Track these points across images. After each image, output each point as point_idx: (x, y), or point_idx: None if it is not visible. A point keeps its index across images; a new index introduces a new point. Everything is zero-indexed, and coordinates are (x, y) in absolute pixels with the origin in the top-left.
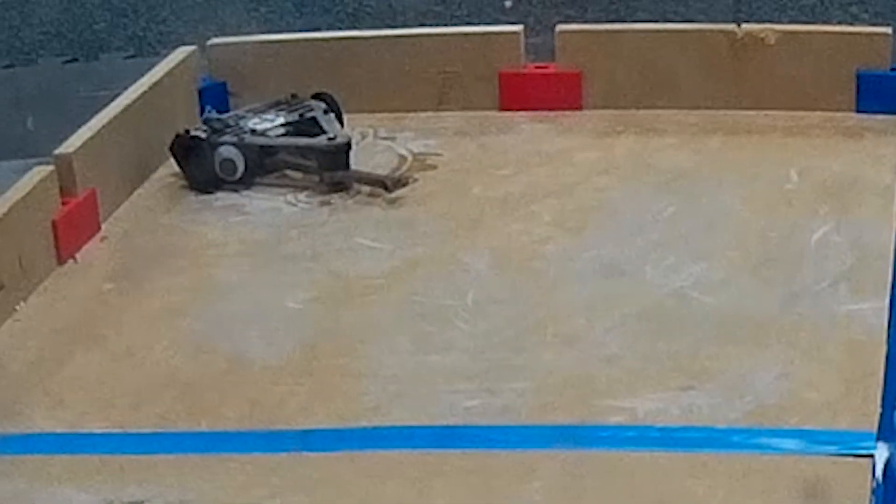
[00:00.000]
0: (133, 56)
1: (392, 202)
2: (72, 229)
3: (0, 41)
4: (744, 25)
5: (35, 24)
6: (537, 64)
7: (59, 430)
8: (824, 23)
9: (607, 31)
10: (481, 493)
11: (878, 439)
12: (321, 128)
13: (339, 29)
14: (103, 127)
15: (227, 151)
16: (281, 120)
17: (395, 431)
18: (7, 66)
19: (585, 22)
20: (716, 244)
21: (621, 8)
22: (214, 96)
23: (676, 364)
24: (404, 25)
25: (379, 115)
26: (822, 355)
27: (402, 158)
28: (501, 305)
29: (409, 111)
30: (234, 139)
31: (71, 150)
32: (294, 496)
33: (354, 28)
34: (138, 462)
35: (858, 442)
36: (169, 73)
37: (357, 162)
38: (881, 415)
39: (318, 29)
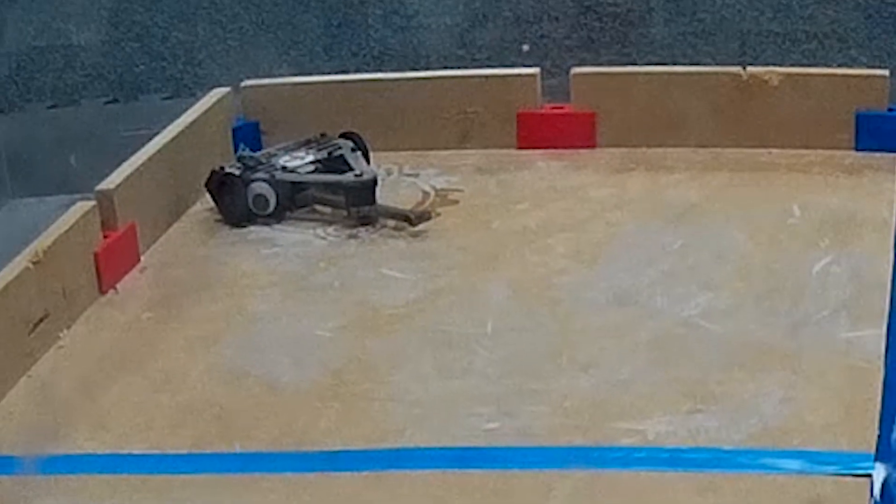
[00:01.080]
0: (171, 97)
1: (416, 235)
2: (112, 261)
3: (45, 83)
4: (749, 68)
5: (77, 67)
6: (553, 105)
7: (100, 452)
8: (825, 65)
9: (620, 74)
10: None
11: (875, 460)
12: (349, 165)
13: (366, 71)
14: (142, 164)
15: (259, 187)
16: (311, 157)
17: (419, 452)
18: (51, 107)
19: (599, 65)
20: (722, 275)
21: (633, 51)
22: (247, 135)
23: (685, 388)
24: (427, 68)
25: (404, 153)
26: (824, 380)
27: (426, 194)
28: (519, 333)
29: (431, 149)
30: (267, 176)
31: (112, 186)
32: None
33: (380, 70)
34: (176, 482)
35: (857, 462)
36: (204, 114)
37: (383, 197)
38: (879, 437)
39: (346, 71)
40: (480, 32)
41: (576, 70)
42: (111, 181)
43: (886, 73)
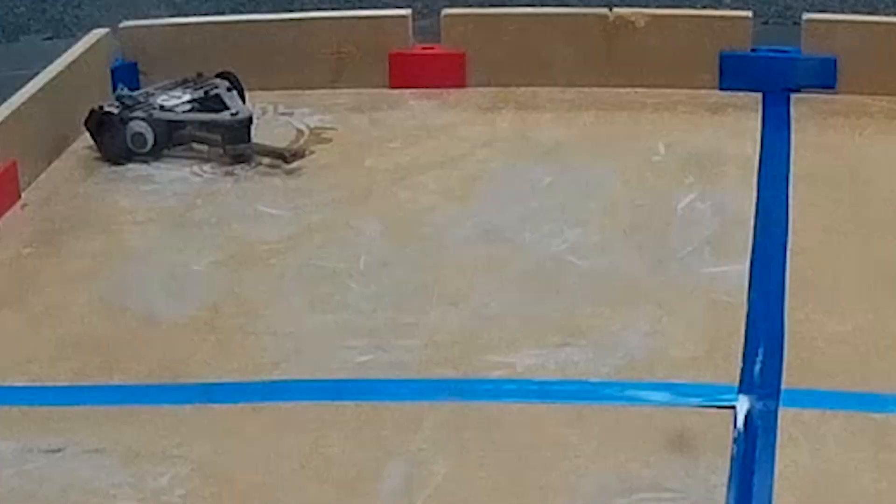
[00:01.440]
0: (51, 38)
1: (290, 173)
2: None
3: None
4: (615, 10)
5: None
6: (424, 45)
7: None
8: (690, 7)
9: (489, 15)
10: (372, 442)
11: (739, 392)
12: (225, 104)
13: (241, 12)
14: (23, 104)
15: (137, 126)
16: (188, 97)
17: (293, 385)
18: None
19: (469, 6)
20: (590, 212)
21: None
22: (126, 75)
23: (553, 322)
24: (301, 9)
25: (278, 93)
26: (688, 315)
27: (300, 132)
28: (391, 268)
29: (305, 89)
30: (145, 115)
31: None
32: (200, 444)
33: (255, 12)
34: (56, 413)
35: (721, 395)
36: (84, 54)
37: (258, 135)
38: (742, 369)
39: (222, 13)
40: None
41: (446, 11)
42: None
43: (750, 14)
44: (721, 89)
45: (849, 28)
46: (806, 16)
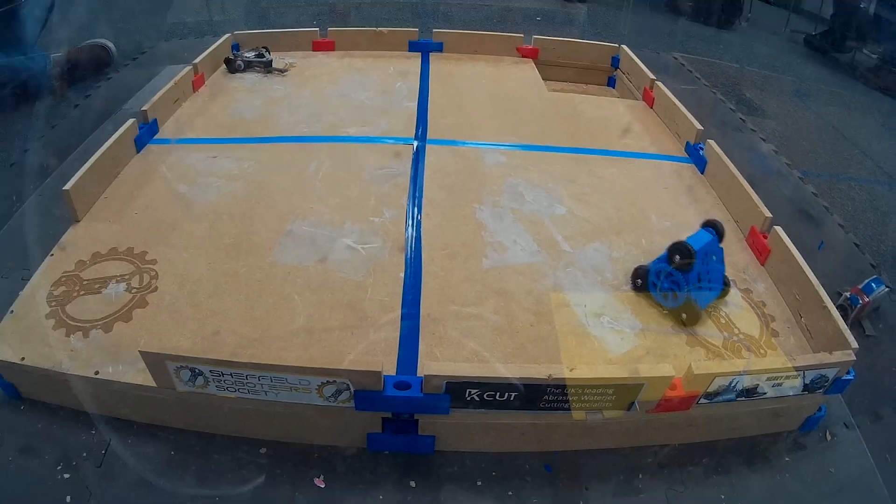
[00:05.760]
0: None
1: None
2: None
3: None
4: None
5: None
6: None
7: None
8: None
9: None
10: None
11: (414, 139)
12: (263, 55)
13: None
14: (211, 50)
15: (238, 62)
16: (253, 53)
17: None
18: None
19: None
20: None
21: None
22: (236, 48)
23: None
24: None
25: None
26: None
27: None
28: None
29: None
30: (241, 59)
31: None
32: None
33: None
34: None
35: (410, 140)
36: (225, 41)
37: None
38: (416, 133)
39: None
40: None
41: None
42: None
43: None
44: None
45: None
46: None
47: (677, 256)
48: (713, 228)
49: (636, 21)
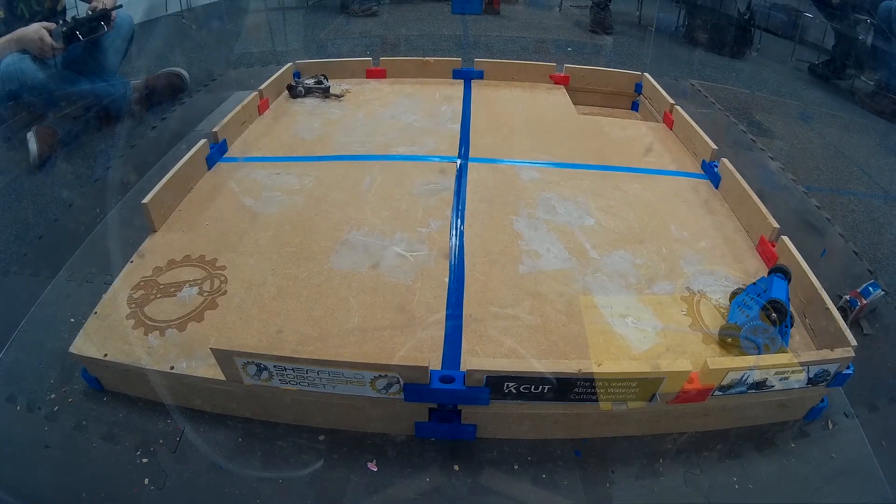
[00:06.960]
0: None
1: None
2: None
3: None
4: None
5: None
6: None
7: None
8: None
9: None
10: None
11: (458, 157)
12: (321, 83)
13: None
14: (274, 77)
15: (298, 88)
16: (313, 81)
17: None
18: None
19: None
20: None
21: None
22: (297, 75)
23: None
24: None
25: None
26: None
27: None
28: None
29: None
30: (301, 85)
31: None
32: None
33: None
34: None
35: (453, 159)
36: (288, 68)
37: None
38: (459, 153)
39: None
40: None
41: None
42: None
43: None
44: None
45: None
46: None
47: (774, 315)
48: (782, 274)
49: (657, 51)
